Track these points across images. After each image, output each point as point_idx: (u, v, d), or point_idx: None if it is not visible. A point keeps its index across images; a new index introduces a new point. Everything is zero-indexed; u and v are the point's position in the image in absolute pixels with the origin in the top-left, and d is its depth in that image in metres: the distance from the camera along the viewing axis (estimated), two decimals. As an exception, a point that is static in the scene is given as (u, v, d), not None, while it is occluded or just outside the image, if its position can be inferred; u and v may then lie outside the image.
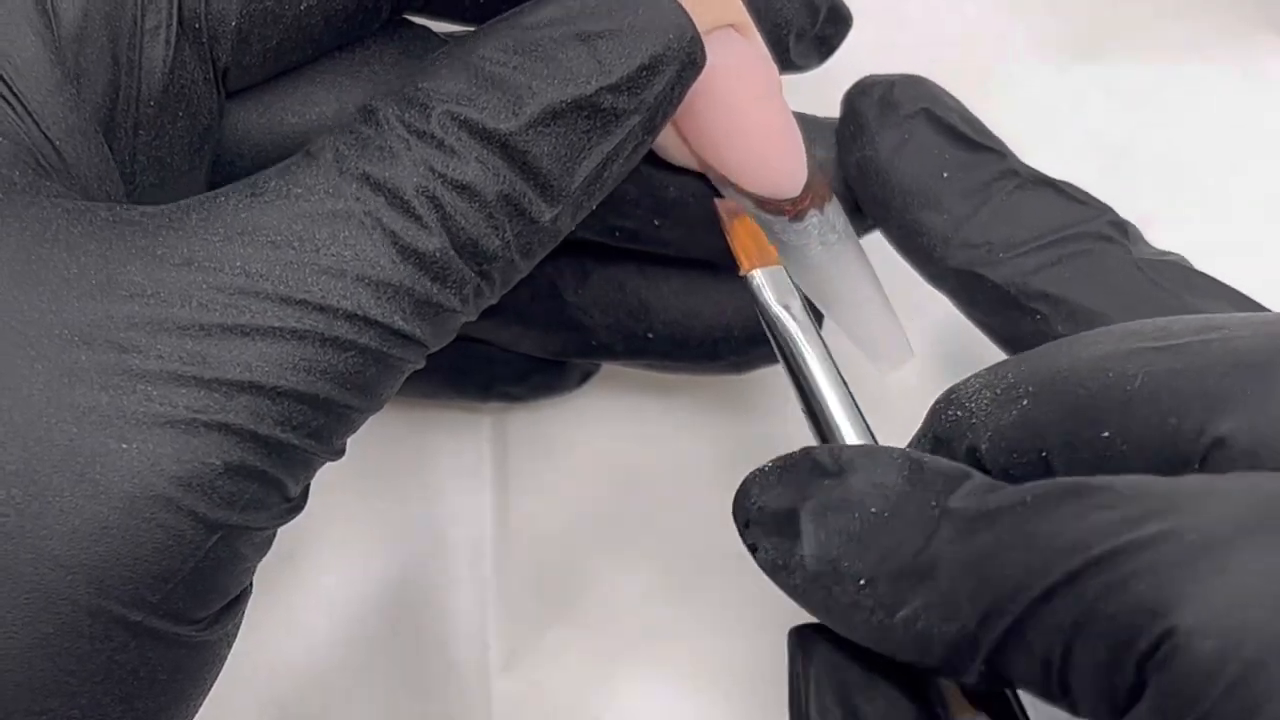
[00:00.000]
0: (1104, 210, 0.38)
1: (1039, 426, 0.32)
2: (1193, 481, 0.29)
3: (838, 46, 0.40)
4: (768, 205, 0.37)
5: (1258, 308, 0.36)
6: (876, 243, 0.39)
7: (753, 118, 0.36)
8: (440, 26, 0.37)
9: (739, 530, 0.34)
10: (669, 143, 0.36)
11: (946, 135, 0.38)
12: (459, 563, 0.44)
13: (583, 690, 0.43)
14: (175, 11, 0.33)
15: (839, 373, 0.36)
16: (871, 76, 0.39)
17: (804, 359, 0.35)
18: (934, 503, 0.31)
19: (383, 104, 0.32)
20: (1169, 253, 0.37)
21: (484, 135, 0.32)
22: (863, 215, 0.39)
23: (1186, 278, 0.36)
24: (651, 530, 0.44)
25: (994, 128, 0.39)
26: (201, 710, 0.33)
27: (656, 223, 0.38)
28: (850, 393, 0.35)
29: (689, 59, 0.33)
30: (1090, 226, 0.37)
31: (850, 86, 0.39)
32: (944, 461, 0.32)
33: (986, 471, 0.33)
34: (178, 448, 0.29)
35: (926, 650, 0.31)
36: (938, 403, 0.35)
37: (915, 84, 0.39)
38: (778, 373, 0.42)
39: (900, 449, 0.33)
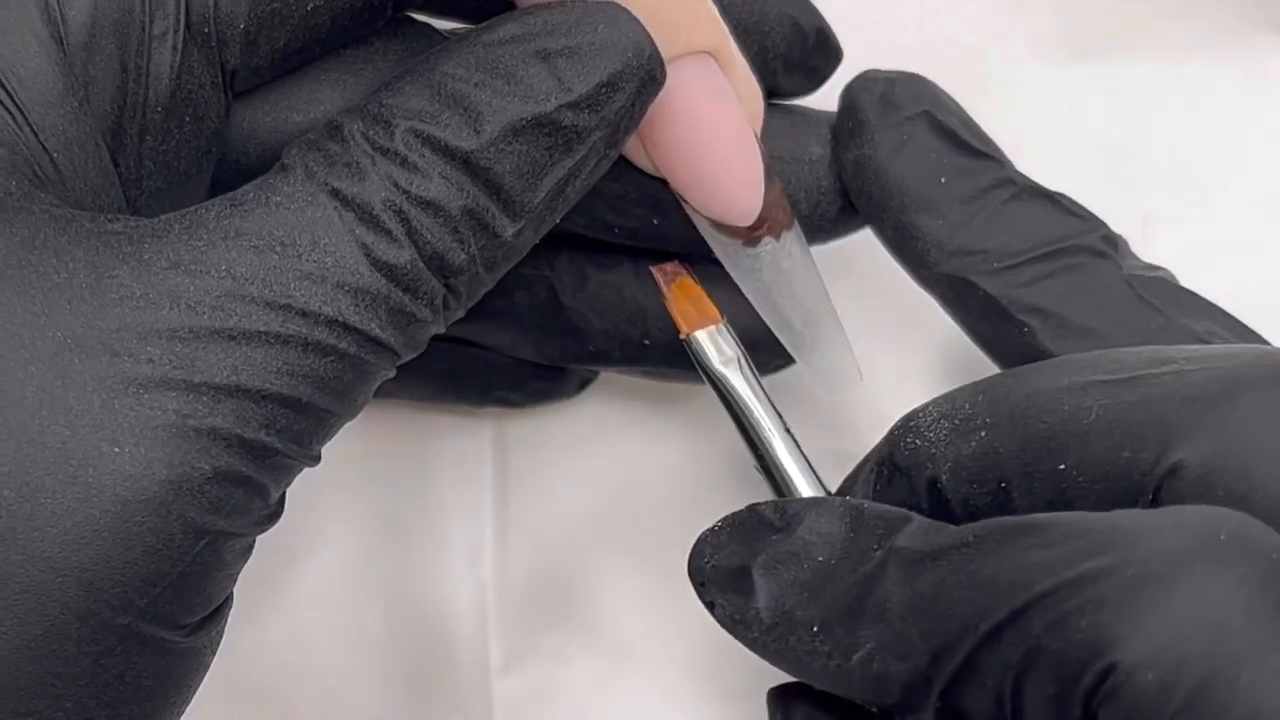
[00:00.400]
0: (1097, 224, 0.38)
1: (998, 458, 0.33)
2: (1130, 517, 0.29)
3: (828, 77, 0.40)
4: (721, 228, 0.37)
5: (1241, 325, 0.37)
6: (871, 246, 0.39)
7: (709, 146, 0.36)
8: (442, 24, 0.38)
9: (695, 589, 0.35)
10: (638, 154, 0.37)
11: (946, 140, 0.38)
12: (459, 563, 0.44)
13: (582, 690, 0.43)
14: (183, 16, 0.33)
15: (785, 425, 0.36)
16: (872, 72, 0.39)
17: (750, 416, 0.37)
18: (875, 546, 0.32)
19: (348, 120, 0.32)
20: (1157, 267, 0.38)
21: (447, 152, 0.32)
22: (854, 214, 0.39)
23: (1174, 295, 0.37)
24: (650, 533, 0.44)
25: (994, 127, 0.39)
26: (202, 709, 0.33)
27: (655, 221, 0.38)
28: (797, 442, 0.36)
29: (648, 76, 0.33)
30: (1084, 240, 0.37)
31: (851, 80, 0.39)
32: (882, 506, 0.33)
33: (947, 501, 0.34)
34: (168, 452, 0.29)
35: (884, 691, 0.31)
36: (896, 429, 0.35)
37: (916, 83, 0.39)
38: (774, 380, 0.42)
39: (842, 498, 0.34)
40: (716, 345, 0.37)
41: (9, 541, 0.28)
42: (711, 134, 0.36)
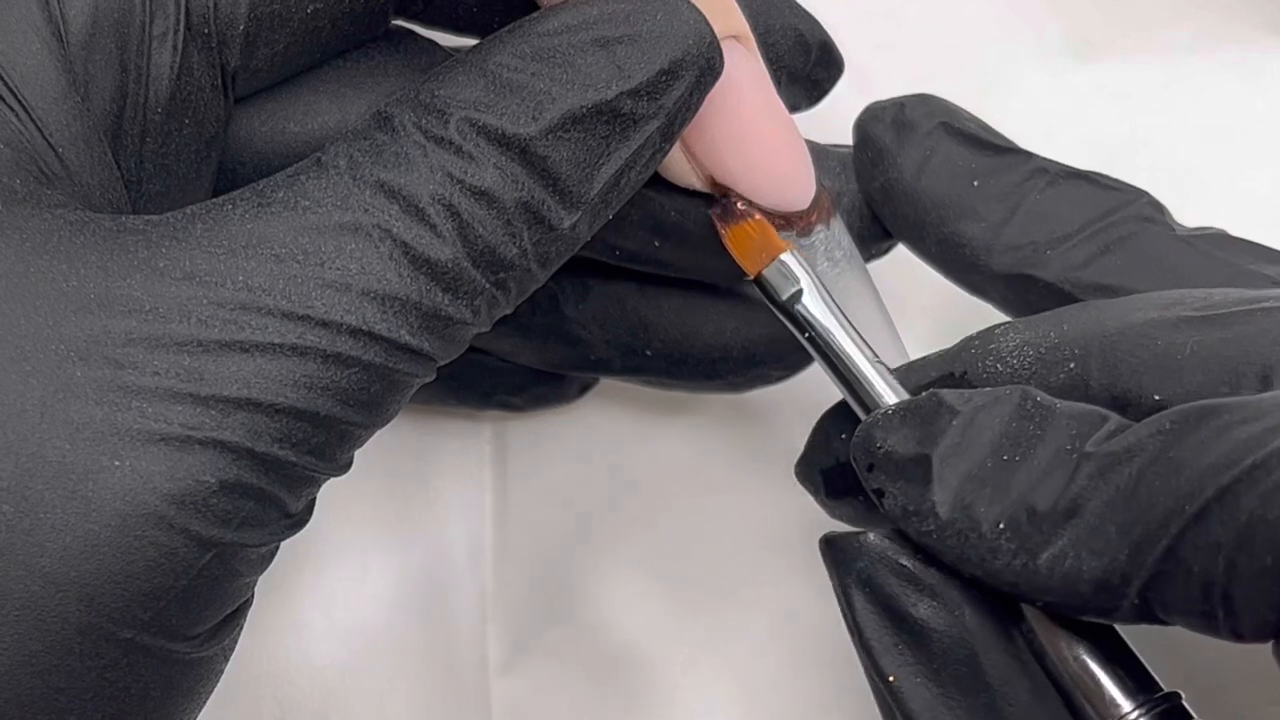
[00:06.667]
0: (1140, 193, 0.37)
1: (1089, 390, 0.32)
2: None
3: (829, 91, 0.40)
4: (776, 221, 0.36)
5: None
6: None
7: (760, 128, 0.35)
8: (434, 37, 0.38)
9: (861, 475, 0.33)
10: (672, 159, 0.36)
11: (969, 144, 0.38)
12: (459, 564, 0.44)
13: (582, 690, 0.43)
14: (183, 16, 0.32)
15: (870, 348, 0.35)
16: (878, 102, 0.39)
17: (830, 341, 0.35)
18: (1070, 446, 0.31)
19: (398, 110, 0.32)
20: (1208, 227, 0.37)
21: (503, 141, 0.31)
22: (879, 239, 0.39)
23: (1235, 244, 0.36)
24: (649, 534, 0.44)
25: (994, 128, 0.39)
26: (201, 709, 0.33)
27: (656, 244, 0.38)
28: (885, 364, 0.35)
29: (708, 65, 0.33)
30: (1131, 210, 0.37)
31: (859, 116, 0.39)
32: (1078, 406, 0.32)
33: None
34: (171, 465, 0.29)
35: (1073, 590, 0.30)
36: (971, 348, 0.34)
37: (925, 101, 0.38)
38: (775, 387, 0.42)
39: (1031, 392, 0.32)
40: (778, 280, 0.35)
41: (7, 556, 0.28)
42: (761, 114, 0.35)
